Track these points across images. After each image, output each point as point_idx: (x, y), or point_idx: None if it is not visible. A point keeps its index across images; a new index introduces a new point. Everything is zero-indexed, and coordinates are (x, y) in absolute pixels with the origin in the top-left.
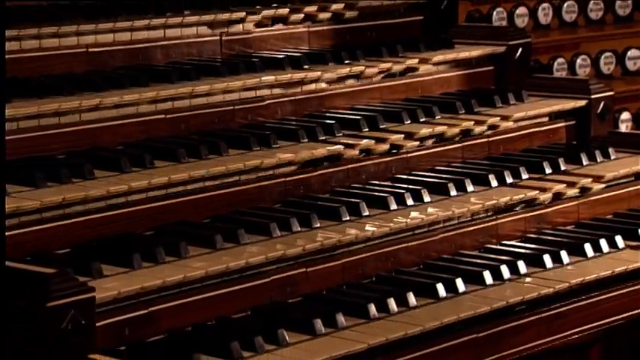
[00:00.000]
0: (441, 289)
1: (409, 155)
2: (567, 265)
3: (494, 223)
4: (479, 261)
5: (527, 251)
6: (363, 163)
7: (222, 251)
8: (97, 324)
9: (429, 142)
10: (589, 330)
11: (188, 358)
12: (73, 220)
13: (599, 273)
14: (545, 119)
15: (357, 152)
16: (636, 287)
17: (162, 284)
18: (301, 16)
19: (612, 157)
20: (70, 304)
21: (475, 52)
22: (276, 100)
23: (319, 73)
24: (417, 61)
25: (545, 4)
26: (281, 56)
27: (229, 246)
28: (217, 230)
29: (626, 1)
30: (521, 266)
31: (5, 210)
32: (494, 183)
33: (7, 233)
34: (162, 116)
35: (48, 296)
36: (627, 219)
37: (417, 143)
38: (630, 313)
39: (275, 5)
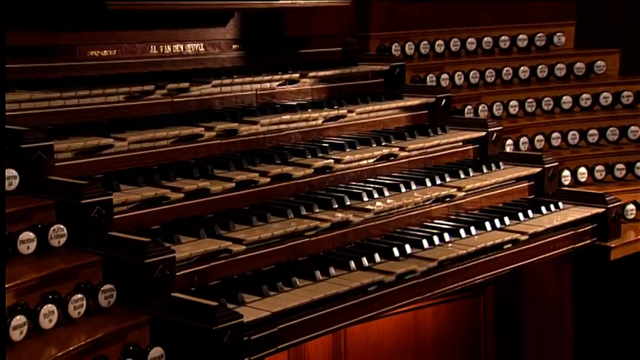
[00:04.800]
0: (395, 251)
1: (375, 166)
2: (475, 235)
3: (429, 209)
4: (419, 233)
5: (450, 227)
6: (346, 171)
7: (256, 227)
8: (177, 274)
9: (396, 155)
10: (486, 276)
11: (235, 295)
12: (162, 207)
13: (494, 240)
14: (460, 144)
15: (342, 165)
16: (514, 250)
17: (218, 248)
18: (307, 79)
19: (502, 168)
20: (160, 261)
21: (416, 101)
22: (291, 131)
23: (318, 114)
24: (379, 107)
25: (459, 72)
26: (294, 103)
27: (261, 224)
28: (253, 214)
29: (509, 71)
30: (446, 236)
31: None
32: (429, 184)
33: (119, 216)
34: (219, 141)
35: (146, 256)
36: (511, 207)
37: (382, 158)
38: (511, 266)
39: (290, 72)
